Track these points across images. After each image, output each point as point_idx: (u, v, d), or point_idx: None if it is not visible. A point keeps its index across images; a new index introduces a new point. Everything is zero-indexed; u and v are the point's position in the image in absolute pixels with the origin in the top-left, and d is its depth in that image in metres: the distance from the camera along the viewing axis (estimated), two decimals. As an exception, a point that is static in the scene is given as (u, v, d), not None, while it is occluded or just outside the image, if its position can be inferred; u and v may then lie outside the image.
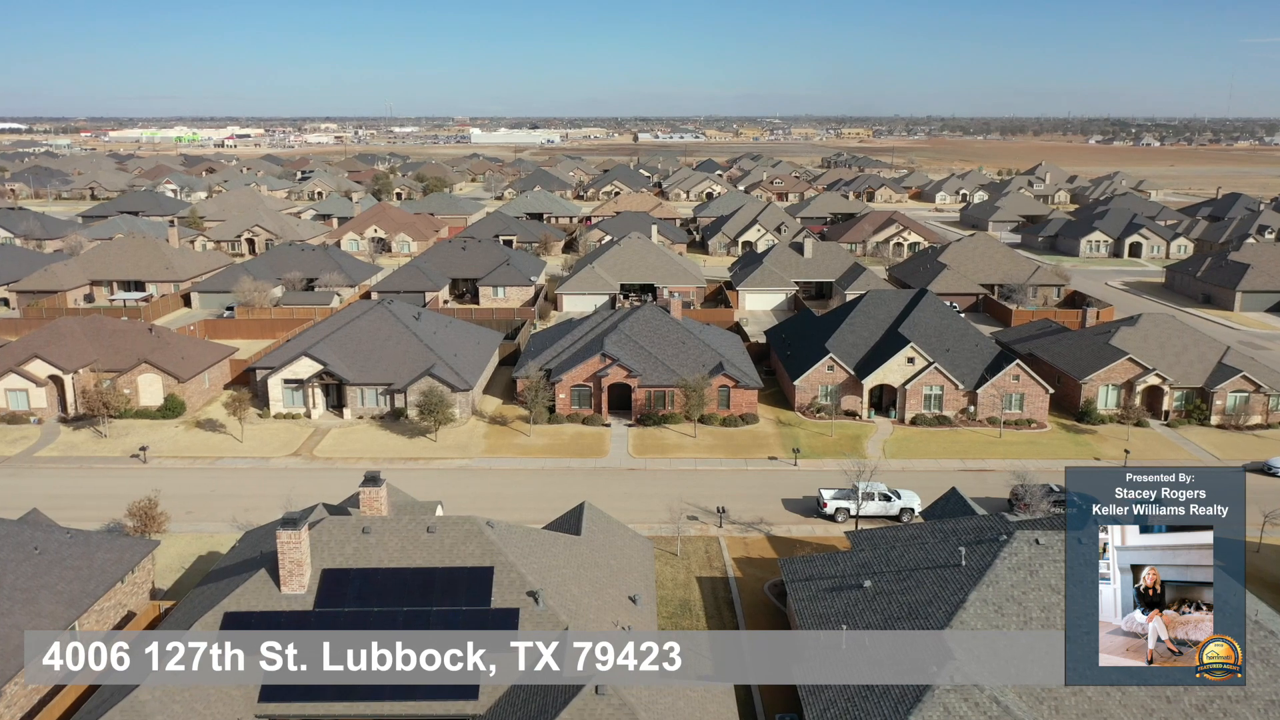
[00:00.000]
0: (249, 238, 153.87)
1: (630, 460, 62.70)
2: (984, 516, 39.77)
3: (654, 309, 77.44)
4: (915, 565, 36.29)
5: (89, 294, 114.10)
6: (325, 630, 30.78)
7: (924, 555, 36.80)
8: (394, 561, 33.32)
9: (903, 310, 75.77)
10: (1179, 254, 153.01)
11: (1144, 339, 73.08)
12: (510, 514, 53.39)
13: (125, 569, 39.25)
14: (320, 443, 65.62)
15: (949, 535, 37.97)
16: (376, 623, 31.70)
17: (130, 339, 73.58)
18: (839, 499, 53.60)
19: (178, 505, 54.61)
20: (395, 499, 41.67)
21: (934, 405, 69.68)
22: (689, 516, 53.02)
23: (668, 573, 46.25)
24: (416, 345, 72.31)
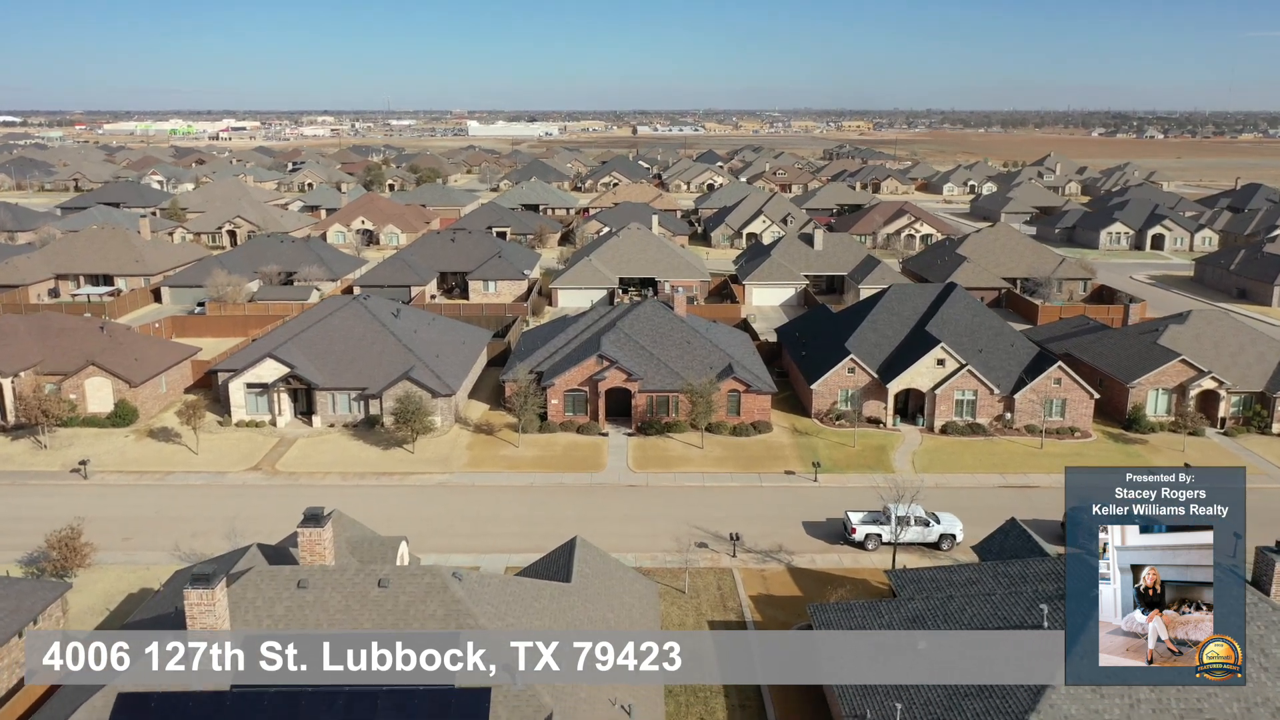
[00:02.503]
0: (231, 229, 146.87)
1: (630, 475, 55.95)
2: (1058, 559, 32.97)
3: (655, 305, 70.62)
4: (981, 622, 29.56)
5: (54, 288, 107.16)
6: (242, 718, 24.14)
7: (990, 609, 30.04)
8: (335, 625, 26.58)
9: (929, 306, 68.94)
10: (1203, 246, 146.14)
11: (1196, 338, 66.36)
12: (492, 540, 46.83)
13: (21, 621, 32.52)
14: (285, 455, 58.82)
15: (1018, 582, 31.27)
16: (309, 707, 24.99)
17: (79, 339, 66.68)
18: (869, 523, 46.88)
19: (115, 530, 47.90)
20: (352, 533, 34.89)
21: (966, 412, 62.94)
22: (697, 544, 46.34)
23: (674, 616, 39.52)
24: (394, 345, 65.52)
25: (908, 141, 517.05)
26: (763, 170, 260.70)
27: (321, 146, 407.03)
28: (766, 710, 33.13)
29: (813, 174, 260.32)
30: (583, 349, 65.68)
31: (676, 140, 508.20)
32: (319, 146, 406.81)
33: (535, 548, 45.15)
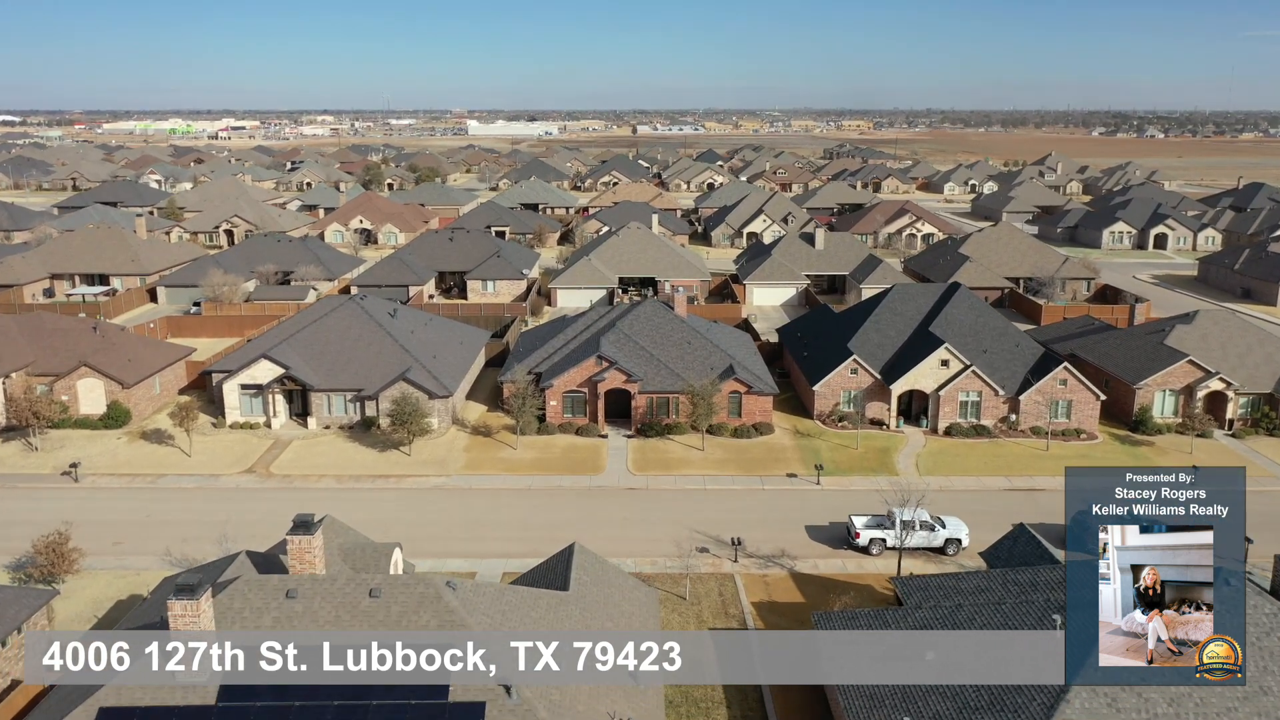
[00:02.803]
0: (228, 229, 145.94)
1: (629, 478, 55.07)
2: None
3: (655, 305, 69.75)
4: (991, 632, 28.69)
5: (48, 288, 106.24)
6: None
7: (1000, 618, 29.19)
8: (325, 636, 25.70)
9: (933, 307, 68.06)
10: (1206, 246, 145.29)
11: (1203, 339, 65.49)
12: (489, 545, 45.98)
13: (4, 630, 31.67)
14: (279, 457, 57.95)
15: (1028, 590, 30.40)
16: (297, 719, 24.17)
17: (72, 339, 65.82)
18: (873, 528, 46.01)
19: (105, 534, 47.04)
20: (344, 540, 34.03)
21: (971, 413, 62.07)
22: (699, 548, 45.43)
23: (675, 623, 38.64)
24: (391, 346, 64.65)
25: (908, 141, 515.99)
26: (763, 169, 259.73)
27: (321, 146, 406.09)
28: (763, 695, 32.48)
29: (813, 173, 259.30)
30: (582, 349, 64.83)
31: (676, 140, 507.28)
32: (318, 146, 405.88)
33: (533, 552, 44.37)
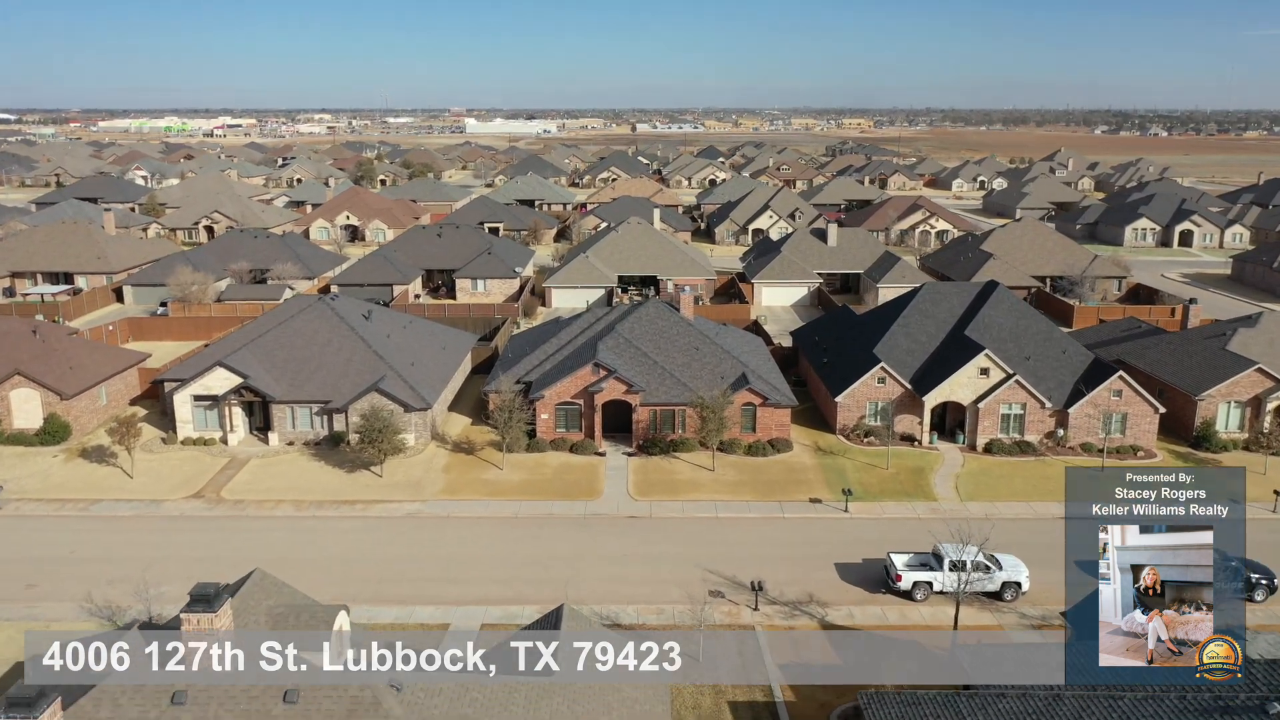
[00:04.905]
0: (208, 225, 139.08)
1: (630, 504, 48.24)
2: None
3: (659, 306, 62.87)
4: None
5: (9, 287, 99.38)
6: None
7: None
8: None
9: (967, 308, 61.24)
10: (1234, 243, 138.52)
11: (1271, 344, 58.70)
12: (466, 588, 39.20)
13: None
14: (233, 479, 51.09)
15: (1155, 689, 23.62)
16: None
17: (7, 343, 58.77)
18: (916, 568, 39.25)
19: (19, 574, 40.33)
20: (277, 600, 27.15)
21: (1013, 428, 55.31)
22: (712, 592, 38.71)
23: (687, 695, 31.80)
24: (363, 352, 57.81)
25: (909, 139, 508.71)
26: (766, 165, 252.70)
27: (315, 143, 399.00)
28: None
29: (818, 169, 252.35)
30: (577, 356, 58.00)
31: (676, 138, 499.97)
32: (313, 143, 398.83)
33: (518, 598, 38.25)
